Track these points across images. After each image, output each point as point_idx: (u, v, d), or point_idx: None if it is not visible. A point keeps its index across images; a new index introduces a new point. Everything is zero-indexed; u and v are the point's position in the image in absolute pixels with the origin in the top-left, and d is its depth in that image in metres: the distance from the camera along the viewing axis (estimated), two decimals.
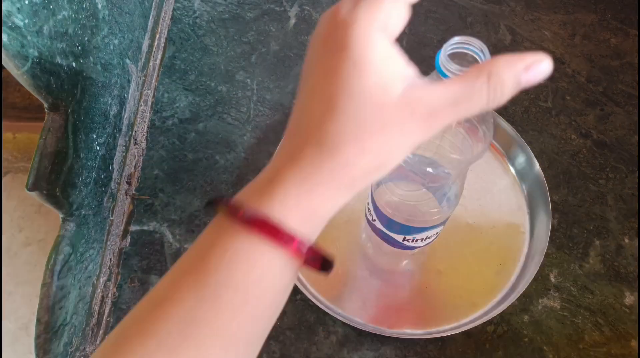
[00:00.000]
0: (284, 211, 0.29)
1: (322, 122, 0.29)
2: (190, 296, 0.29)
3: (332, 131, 0.29)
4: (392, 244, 0.55)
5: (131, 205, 0.65)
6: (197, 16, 0.78)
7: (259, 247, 0.29)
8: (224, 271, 0.29)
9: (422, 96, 0.29)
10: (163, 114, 0.71)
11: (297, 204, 0.29)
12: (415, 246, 0.55)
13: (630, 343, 0.58)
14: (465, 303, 0.59)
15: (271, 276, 0.30)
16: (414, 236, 0.52)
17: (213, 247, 0.30)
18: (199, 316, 0.28)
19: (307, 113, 0.30)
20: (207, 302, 0.29)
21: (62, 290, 0.52)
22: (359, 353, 0.57)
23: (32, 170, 0.47)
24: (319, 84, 0.30)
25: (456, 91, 0.29)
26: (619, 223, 0.64)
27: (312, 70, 0.31)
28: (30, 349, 1.27)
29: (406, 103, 0.28)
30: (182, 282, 0.30)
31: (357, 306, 0.59)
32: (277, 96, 0.72)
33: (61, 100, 0.49)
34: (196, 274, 0.29)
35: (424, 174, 0.44)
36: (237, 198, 0.31)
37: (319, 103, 0.29)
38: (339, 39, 0.29)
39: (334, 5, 0.31)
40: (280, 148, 0.31)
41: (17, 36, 0.42)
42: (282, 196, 0.29)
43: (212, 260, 0.29)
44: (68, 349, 0.54)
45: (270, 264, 0.29)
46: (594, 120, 0.71)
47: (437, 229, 0.53)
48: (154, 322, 0.29)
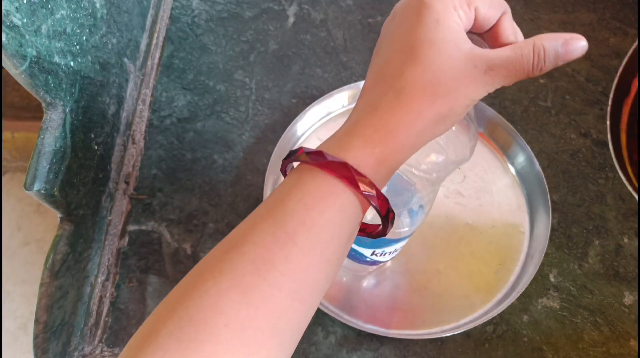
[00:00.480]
0: (360, 156, 0.32)
1: (402, 71, 0.33)
2: (267, 238, 0.31)
3: (411, 78, 0.33)
4: (357, 260, 0.54)
5: (129, 205, 0.65)
6: (196, 15, 0.78)
7: (335, 189, 0.32)
8: (300, 212, 0.31)
9: (482, 54, 0.33)
10: (161, 113, 0.70)
11: (372, 150, 0.32)
12: (381, 261, 0.55)
13: (629, 342, 0.58)
14: (465, 303, 0.59)
15: (342, 218, 0.32)
16: (383, 249, 0.51)
17: (291, 191, 0.33)
18: (275, 257, 0.31)
19: (388, 64, 0.34)
20: (283, 243, 0.31)
21: (61, 290, 0.52)
22: (358, 354, 0.57)
23: (30, 169, 0.47)
24: (402, 37, 0.34)
25: (509, 54, 0.33)
26: (618, 223, 0.64)
27: (395, 26, 0.35)
28: (29, 349, 1.26)
29: (470, 58, 0.33)
30: (260, 224, 0.32)
31: (356, 307, 0.59)
32: (276, 95, 0.72)
33: (59, 99, 0.49)
34: (274, 216, 0.32)
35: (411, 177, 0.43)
36: (319, 147, 0.34)
37: (400, 53, 0.33)
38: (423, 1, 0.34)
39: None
40: (359, 101, 0.35)
41: (16, 35, 0.42)
42: (359, 142, 0.32)
43: (290, 203, 0.32)
44: (66, 349, 0.54)
45: (342, 207, 0.32)
46: (593, 119, 0.70)
47: (403, 242, 0.52)
48: (230, 261, 0.31)
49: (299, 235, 0.31)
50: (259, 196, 0.65)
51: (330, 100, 0.69)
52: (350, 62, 0.75)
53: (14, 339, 1.28)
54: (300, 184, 0.33)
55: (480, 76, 0.33)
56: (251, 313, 0.30)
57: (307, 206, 0.32)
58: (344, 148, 0.33)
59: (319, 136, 0.69)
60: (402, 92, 0.33)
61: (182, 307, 0.30)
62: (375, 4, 0.79)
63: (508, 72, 0.33)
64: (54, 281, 0.51)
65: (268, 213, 0.33)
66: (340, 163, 0.32)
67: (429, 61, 0.33)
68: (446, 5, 0.34)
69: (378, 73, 0.35)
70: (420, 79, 0.33)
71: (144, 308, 0.60)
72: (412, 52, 0.33)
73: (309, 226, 0.31)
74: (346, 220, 0.33)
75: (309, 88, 0.73)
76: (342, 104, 0.71)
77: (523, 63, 0.33)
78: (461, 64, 0.33)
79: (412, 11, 0.34)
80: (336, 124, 0.71)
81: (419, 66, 0.33)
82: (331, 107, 0.70)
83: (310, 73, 0.74)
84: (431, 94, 0.32)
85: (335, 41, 0.76)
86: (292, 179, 0.34)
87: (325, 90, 0.72)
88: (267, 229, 0.32)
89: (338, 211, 0.32)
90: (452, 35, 0.33)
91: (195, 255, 0.62)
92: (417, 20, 0.33)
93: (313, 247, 0.32)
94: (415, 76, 0.33)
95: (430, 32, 0.33)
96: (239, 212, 0.64)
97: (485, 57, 0.33)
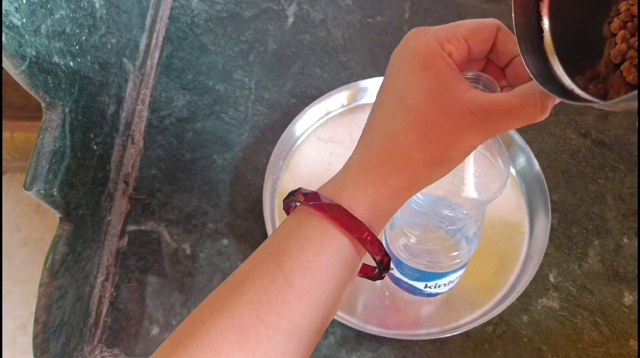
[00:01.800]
0: (353, 198, 0.32)
1: (392, 116, 0.33)
2: (265, 278, 0.32)
3: (401, 122, 0.33)
4: (413, 292, 0.54)
5: (129, 205, 0.64)
6: (195, 15, 0.78)
7: (330, 231, 0.32)
8: (297, 254, 0.32)
9: (479, 99, 0.32)
10: (161, 113, 0.70)
11: (364, 193, 0.32)
12: (438, 293, 0.54)
13: (629, 343, 0.58)
14: (464, 304, 0.59)
15: (338, 260, 0.33)
16: (436, 282, 0.51)
17: (289, 233, 0.33)
18: (272, 298, 0.31)
19: (381, 109, 0.34)
20: (280, 284, 0.31)
21: (60, 290, 0.52)
22: (358, 354, 0.57)
23: (29, 170, 0.47)
24: (393, 83, 0.34)
25: (511, 101, 0.32)
26: (618, 223, 0.64)
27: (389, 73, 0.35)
28: (28, 349, 1.26)
29: (465, 102, 0.32)
30: (260, 265, 0.33)
31: (355, 307, 0.59)
32: (275, 95, 0.72)
33: (59, 99, 0.49)
34: (273, 257, 0.32)
35: (441, 217, 0.43)
36: (317, 190, 0.34)
37: (392, 98, 0.34)
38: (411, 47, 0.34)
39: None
40: (357, 145, 0.35)
41: (15, 35, 0.42)
42: (353, 185, 0.33)
43: (287, 244, 0.32)
44: (66, 349, 0.54)
45: (338, 249, 0.32)
46: (593, 119, 0.70)
47: (460, 272, 0.51)
48: (230, 301, 0.31)
49: (295, 276, 0.32)
50: (259, 196, 0.65)
51: (330, 100, 0.69)
52: (349, 62, 0.75)
53: (13, 339, 1.28)
54: (298, 225, 0.33)
55: (478, 122, 0.32)
56: (247, 355, 0.30)
57: (302, 248, 0.32)
58: (338, 190, 0.33)
59: (318, 136, 0.69)
60: (393, 136, 0.33)
61: (182, 346, 0.31)
62: (374, 3, 0.79)
63: (509, 119, 0.32)
64: (53, 281, 0.51)
65: (268, 254, 0.33)
66: (334, 205, 0.32)
67: (418, 106, 0.32)
68: (432, 48, 0.33)
69: (373, 118, 0.35)
70: (410, 124, 0.32)
71: (143, 309, 0.60)
72: (402, 98, 0.33)
73: (305, 268, 0.32)
74: (342, 262, 0.33)
75: (308, 88, 0.73)
76: (342, 103, 0.71)
77: (526, 111, 0.32)
78: (455, 109, 0.32)
79: (401, 59, 0.34)
80: (335, 124, 0.71)
81: (409, 111, 0.33)
82: (330, 107, 0.70)
83: (309, 73, 0.74)
84: (423, 139, 0.32)
85: (334, 41, 0.76)
86: (292, 220, 0.34)
87: (324, 90, 0.72)
88: (266, 269, 0.32)
89: (334, 252, 0.32)
90: (442, 79, 0.33)
91: (194, 255, 0.62)
92: (406, 67, 0.34)
93: (309, 289, 0.32)
94: (405, 120, 0.33)
95: (418, 79, 0.33)
96: (238, 212, 0.64)
97: (483, 102, 0.32)
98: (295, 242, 0.32)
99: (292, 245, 0.32)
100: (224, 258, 0.62)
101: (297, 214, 0.34)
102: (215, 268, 0.62)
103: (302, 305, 0.32)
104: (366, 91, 0.71)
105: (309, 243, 0.32)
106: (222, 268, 0.61)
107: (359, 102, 0.71)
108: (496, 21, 0.35)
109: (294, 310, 0.31)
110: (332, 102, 0.70)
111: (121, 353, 0.58)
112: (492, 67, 0.37)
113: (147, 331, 0.59)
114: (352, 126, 0.70)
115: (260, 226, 0.64)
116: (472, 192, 0.40)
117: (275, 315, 0.31)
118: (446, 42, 0.34)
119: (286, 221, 0.35)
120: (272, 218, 0.63)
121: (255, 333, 0.31)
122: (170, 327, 0.59)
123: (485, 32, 0.35)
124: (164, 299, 0.60)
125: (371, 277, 0.38)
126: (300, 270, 0.32)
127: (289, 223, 0.34)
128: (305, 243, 0.32)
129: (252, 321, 0.31)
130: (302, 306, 0.32)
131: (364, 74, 0.74)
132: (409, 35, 0.35)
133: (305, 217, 0.33)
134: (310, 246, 0.32)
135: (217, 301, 0.32)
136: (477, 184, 0.40)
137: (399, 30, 0.77)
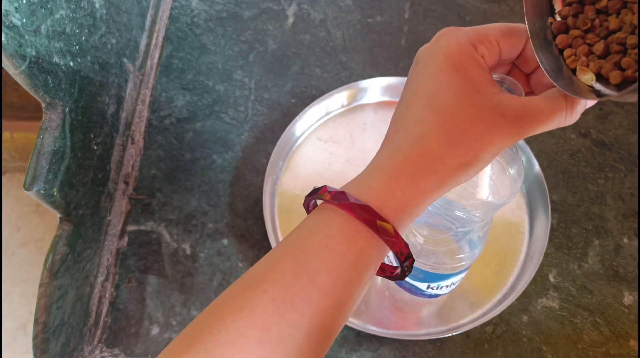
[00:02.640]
0: (381, 199, 0.32)
1: (422, 118, 0.33)
2: (288, 277, 0.31)
3: (432, 125, 0.32)
4: (414, 293, 0.54)
5: (128, 205, 0.64)
6: (195, 15, 0.78)
7: (356, 232, 0.32)
8: (322, 253, 0.31)
9: (511, 103, 0.32)
10: (160, 113, 0.70)
11: (393, 195, 0.32)
12: (439, 294, 0.54)
13: (628, 343, 0.58)
14: (464, 304, 0.59)
15: (362, 261, 0.32)
16: (439, 283, 0.51)
17: (313, 231, 0.32)
18: (295, 296, 0.31)
19: (409, 110, 0.34)
20: (304, 283, 0.31)
21: (60, 290, 0.52)
22: (357, 354, 0.57)
23: (29, 170, 0.47)
24: (422, 84, 0.34)
25: (541, 107, 0.32)
26: (618, 223, 0.64)
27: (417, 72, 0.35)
28: (28, 349, 1.26)
29: (496, 106, 0.32)
30: (281, 263, 0.32)
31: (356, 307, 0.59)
32: (275, 95, 0.72)
33: (59, 99, 0.49)
34: (295, 255, 0.32)
35: (453, 218, 0.42)
36: (342, 188, 0.34)
37: (421, 99, 0.33)
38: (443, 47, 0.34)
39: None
40: (382, 145, 0.35)
41: (15, 35, 0.42)
42: (381, 186, 0.32)
43: (311, 242, 0.32)
44: (66, 349, 0.54)
45: (363, 250, 0.32)
46: (593, 119, 0.70)
47: (462, 275, 0.51)
48: (250, 299, 0.31)
49: (319, 276, 0.31)
50: (258, 197, 0.65)
51: (330, 100, 0.69)
52: (349, 62, 0.75)
53: (13, 339, 1.28)
54: (323, 224, 0.33)
55: (509, 126, 0.32)
56: (268, 353, 0.30)
57: (328, 248, 0.32)
58: (366, 191, 0.33)
59: (318, 136, 0.69)
60: (423, 139, 0.32)
61: (200, 343, 0.30)
62: (374, 4, 0.79)
63: (539, 123, 0.32)
64: (53, 281, 0.51)
65: (288, 252, 0.33)
66: (362, 205, 0.32)
67: (449, 109, 0.32)
68: (464, 49, 0.33)
69: (400, 119, 0.35)
70: (441, 126, 0.32)
71: (143, 309, 0.60)
72: (432, 99, 0.33)
73: (330, 268, 0.31)
74: (366, 263, 0.33)
75: (308, 88, 0.73)
76: (342, 104, 0.71)
77: (556, 115, 0.32)
78: (486, 112, 0.32)
79: (431, 58, 0.34)
80: (335, 124, 0.71)
81: (439, 113, 0.32)
82: (330, 107, 0.70)
83: (309, 73, 0.74)
84: (454, 142, 0.32)
85: (334, 41, 0.76)
86: (315, 219, 0.33)
87: (324, 90, 0.72)
88: (288, 268, 0.31)
89: (359, 253, 0.32)
90: (473, 81, 0.33)
91: (194, 255, 0.62)
92: (436, 67, 0.33)
93: (333, 288, 0.31)
94: (436, 122, 0.32)
95: (448, 79, 0.33)
96: (238, 212, 0.64)
97: (515, 106, 0.32)
98: (321, 242, 0.32)
99: (316, 244, 0.32)
100: (224, 258, 0.62)
101: (321, 212, 0.33)
102: (215, 268, 0.62)
103: (325, 304, 0.31)
104: (366, 91, 0.71)
105: (335, 243, 0.32)
106: (222, 268, 0.61)
107: (359, 103, 0.71)
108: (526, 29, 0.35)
109: (317, 310, 0.31)
110: (332, 102, 0.70)
111: (121, 353, 0.58)
112: (517, 72, 0.37)
113: (147, 331, 0.59)
114: (352, 126, 0.70)
115: (260, 226, 0.64)
116: (486, 196, 0.40)
117: (297, 314, 0.31)
118: (479, 43, 0.34)
119: (309, 220, 0.34)
120: (272, 218, 0.63)
121: (276, 331, 0.30)
122: (170, 327, 0.59)
123: (517, 37, 0.35)
124: (163, 299, 0.60)
125: (390, 277, 0.37)
126: (325, 270, 0.31)
127: (312, 222, 0.33)
128: (331, 243, 0.32)
129: (274, 319, 0.30)
130: (324, 306, 0.31)
131: (363, 74, 0.74)
132: (440, 35, 0.35)
133: (329, 216, 0.33)
134: (336, 247, 0.32)
135: (235, 299, 0.32)
136: (490, 189, 0.40)
137: (398, 31, 0.77)
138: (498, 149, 0.33)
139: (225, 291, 0.33)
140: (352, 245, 0.32)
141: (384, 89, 0.70)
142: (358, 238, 0.32)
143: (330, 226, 0.32)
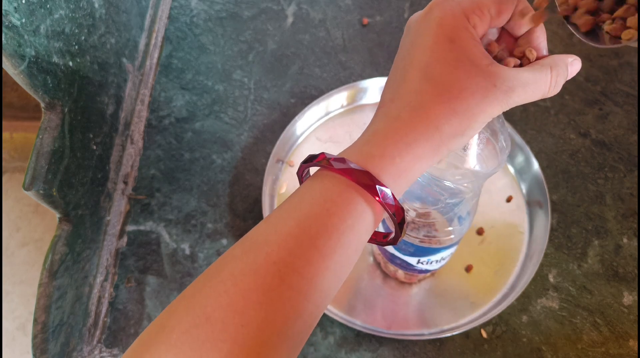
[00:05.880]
0: (380, 165, 0.33)
1: (419, 89, 0.34)
2: (290, 240, 0.32)
3: (428, 95, 0.33)
4: (405, 268, 0.55)
5: (128, 205, 0.64)
6: (194, 15, 0.78)
7: (356, 197, 0.33)
8: (322, 217, 0.32)
9: (502, 74, 0.34)
10: (160, 113, 0.70)
11: (391, 161, 0.33)
12: (430, 269, 0.55)
13: (628, 343, 0.58)
14: (464, 304, 0.59)
15: (360, 225, 0.33)
16: (429, 258, 0.52)
17: (313, 196, 0.33)
18: (296, 259, 0.31)
19: (405, 79, 0.35)
20: (305, 246, 0.32)
21: (59, 290, 0.52)
22: (357, 354, 0.57)
23: (29, 170, 0.47)
24: (417, 54, 0.35)
25: (528, 76, 0.34)
26: (617, 223, 0.64)
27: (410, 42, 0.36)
28: (28, 349, 1.26)
29: (489, 76, 0.33)
30: (282, 226, 0.33)
31: (355, 307, 0.59)
32: (275, 94, 0.72)
33: (58, 99, 0.49)
34: (296, 219, 0.33)
35: (442, 188, 0.43)
36: (339, 155, 0.34)
37: (417, 70, 0.34)
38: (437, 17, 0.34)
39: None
40: (377, 113, 0.36)
41: (14, 35, 0.42)
42: (380, 152, 0.33)
43: (312, 207, 0.33)
44: (65, 349, 0.54)
45: (362, 214, 0.33)
46: (592, 119, 0.70)
47: (452, 249, 0.52)
48: (252, 262, 0.31)
49: (320, 239, 0.32)
50: (258, 196, 0.64)
51: (329, 100, 0.69)
52: (349, 62, 0.75)
53: (13, 339, 1.28)
54: (323, 189, 0.33)
55: (500, 95, 0.34)
56: (270, 315, 0.30)
57: (329, 212, 0.32)
58: (364, 157, 0.33)
59: (318, 136, 0.69)
60: (420, 108, 0.33)
61: (199, 305, 0.31)
62: (374, 3, 0.79)
63: (526, 93, 0.34)
64: (52, 281, 0.50)
65: (290, 216, 0.33)
66: (362, 171, 0.33)
67: (445, 79, 0.33)
68: (458, 19, 0.34)
69: (395, 88, 0.35)
70: (438, 97, 0.33)
71: (143, 309, 0.59)
72: (428, 71, 0.34)
73: (330, 231, 0.32)
74: (364, 227, 0.34)
75: (308, 88, 0.73)
76: (341, 104, 0.71)
77: (542, 86, 0.35)
78: (479, 82, 0.33)
79: (425, 29, 0.35)
80: (335, 124, 0.71)
81: (436, 86, 0.33)
82: (330, 107, 0.70)
83: (309, 73, 0.74)
84: (449, 110, 0.33)
85: (334, 41, 0.76)
86: (314, 184, 0.34)
87: (324, 90, 0.72)
88: (290, 231, 0.32)
89: (358, 217, 0.33)
90: (468, 52, 0.34)
91: (193, 255, 0.62)
92: (431, 38, 0.34)
93: (332, 251, 0.32)
94: (432, 93, 0.33)
95: (444, 52, 0.34)
96: (238, 212, 0.64)
97: (505, 77, 0.34)
98: (321, 206, 0.33)
99: (317, 208, 0.33)
100: None
101: (320, 178, 0.34)
102: None
103: (324, 267, 0.32)
104: (366, 91, 0.71)
105: (336, 208, 0.32)
106: None
107: (359, 103, 0.71)
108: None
109: (316, 272, 0.32)
110: (331, 102, 0.70)
111: (120, 353, 0.57)
112: (506, 35, 0.39)
113: None
114: (352, 126, 0.70)
115: None
116: (473, 165, 0.41)
117: (298, 276, 0.31)
118: (471, 13, 0.34)
119: (307, 186, 0.35)
120: None
121: (278, 293, 0.31)
122: None
123: (508, 3, 0.36)
124: (163, 299, 0.60)
125: (383, 243, 0.38)
126: (325, 233, 0.32)
127: (312, 187, 0.34)
128: (332, 207, 0.33)
129: (276, 282, 0.31)
130: (323, 268, 0.32)
131: (363, 74, 0.74)
132: (433, 5, 0.35)
133: (330, 181, 0.33)
134: (336, 211, 0.32)
135: (235, 261, 0.32)
136: (478, 158, 0.41)
137: (398, 31, 0.77)
138: (489, 117, 0.34)
139: (225, 254, 0.33)
140: (352, 209, 0.33)
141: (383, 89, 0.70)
142: (358, 203, 0.33)
143: (331, 190, 0.33)
